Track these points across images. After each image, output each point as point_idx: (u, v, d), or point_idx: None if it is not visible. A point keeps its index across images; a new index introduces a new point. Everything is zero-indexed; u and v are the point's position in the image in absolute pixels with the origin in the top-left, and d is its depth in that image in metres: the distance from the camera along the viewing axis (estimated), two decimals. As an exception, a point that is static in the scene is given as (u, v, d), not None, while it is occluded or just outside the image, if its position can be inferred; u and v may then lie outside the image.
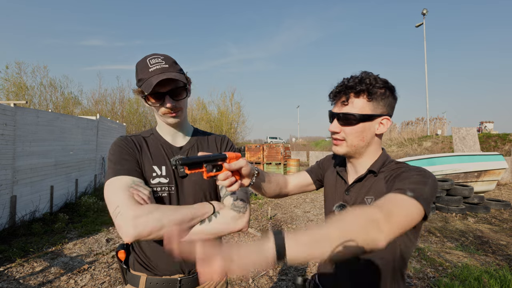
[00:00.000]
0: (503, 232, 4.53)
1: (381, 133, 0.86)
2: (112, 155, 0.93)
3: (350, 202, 0.89)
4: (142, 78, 0.90)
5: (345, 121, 0.84)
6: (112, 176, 0.88)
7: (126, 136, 1.01)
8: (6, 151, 4.36)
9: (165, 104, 0.92)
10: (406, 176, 0.75)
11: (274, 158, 12.13)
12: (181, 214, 0.86)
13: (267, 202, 7.07)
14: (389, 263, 0.84)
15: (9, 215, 4.43)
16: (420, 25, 21.37)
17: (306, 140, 38.94)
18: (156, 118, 1.05)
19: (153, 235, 0.80)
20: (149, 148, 1.00)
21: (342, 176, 0.96)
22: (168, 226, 0.82)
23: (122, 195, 0.82)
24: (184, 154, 1.04)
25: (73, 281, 2.98)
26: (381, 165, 0.87)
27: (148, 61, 0.91)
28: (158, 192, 0.95)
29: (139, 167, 0.94)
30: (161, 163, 0.98)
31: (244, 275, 0.51)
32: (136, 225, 0.77)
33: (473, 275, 2.88)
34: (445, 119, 19.81)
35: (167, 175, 0.97)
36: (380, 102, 0.82)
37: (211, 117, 20.80)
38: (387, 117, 0.84)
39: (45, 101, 15.17)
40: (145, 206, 0.82)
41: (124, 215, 0.79)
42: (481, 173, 6.54)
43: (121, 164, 0.91)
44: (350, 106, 0.83)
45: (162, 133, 1.05)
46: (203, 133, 1.16)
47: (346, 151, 0.88)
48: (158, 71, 0.90)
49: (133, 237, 0.78)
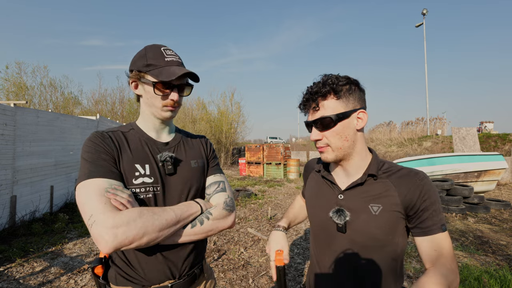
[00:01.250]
0: (503, 232, 4.53)
1: (361, 127, 0.86)
2: (86, 152, 0.83)
3: (347, 207, 0.86)
4: (154, 64, 0.87)
5: (323, 125, 0.83)
6: (85, 178, 0.78)
7: (102, 131, 0.90)
8: (6, 151, 4.35)
9: (172, 96, 0.90)
10: (431, 200, 0.79)
11: (274, 158, 12.13)
12: (165, 217, 0.80)
13: (267, 202, 7.07)
14: (391, 264, 0.84)
15: (9, 215, 4.43)
16: (420, 25, 21.37)
17: (306, 140, 38.91)
18: (143, 109, 0.97)
19: (135, 243, 0.73)
20: (129, 145, 0.91)
21: (330, 179, 0.93)
22: (152, 233, 0.76)
23: (96, 202, 0.73)
24: (170, 150, 0.98)
25: (73, 281, 2.98)
26: (378, 167, 0.86)
27: (163, 50, 0.90)
28: (142, 193, 0.87)
29: (117, 167, 0.86)
30: (144, 161, 0.90)
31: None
32: (116, 234, 0.70)
33: (473, 275, 2.88)
34: (445, 119, 19.79)
35: (151, 174, 0.89)
36: (350, 98, 0.83)
37: (211, 117, 20.76)
38: (361, 110, 0.84)
39: (45, 101, 15.15)
40: (125, 212, 0.74)
41: (101, 224, 0.70)
42: (481, 173, 6.54)
43: (95, 164, 0.81)
44: (322, 110, 0.83)
45: (145, 128, 0.97)
46: (184, 131, 1.13)
47: (334, 156, 0.86)
48: (175, 63, 0.90)
49: (113, 248, 0.70)
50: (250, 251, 3.86)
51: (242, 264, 3.42)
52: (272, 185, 9.75)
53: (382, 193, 0.83)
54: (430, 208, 0.79)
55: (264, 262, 3.48)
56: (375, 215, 0.81)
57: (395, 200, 0.81)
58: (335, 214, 0.87)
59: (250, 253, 3.78)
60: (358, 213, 0.84)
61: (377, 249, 0.83)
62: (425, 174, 0.82)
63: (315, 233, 0.99)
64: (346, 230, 0.85)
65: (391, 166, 0.87)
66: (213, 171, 1.08)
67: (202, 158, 1.07)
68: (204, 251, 1.08)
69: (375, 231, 0.81)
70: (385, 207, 0.81)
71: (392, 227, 0.81)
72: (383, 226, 0.81)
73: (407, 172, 0.83)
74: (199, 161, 1.04)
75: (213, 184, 1.04)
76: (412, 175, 0.82)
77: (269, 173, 12.31)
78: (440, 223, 0.78)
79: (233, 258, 3.60)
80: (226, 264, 3.43)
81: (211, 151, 1.13)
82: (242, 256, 3.67)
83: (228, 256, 3.68)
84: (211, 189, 1.02)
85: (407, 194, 0.80)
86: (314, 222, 0.99)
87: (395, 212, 0.81)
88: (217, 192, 1.01)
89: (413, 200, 0.79)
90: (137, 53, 0.92)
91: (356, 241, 0.84)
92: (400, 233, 0.83)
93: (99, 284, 0.94)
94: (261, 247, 4.00)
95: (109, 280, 0.93)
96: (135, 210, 0.76)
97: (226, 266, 3.36)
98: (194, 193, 0.99)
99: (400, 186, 0.81)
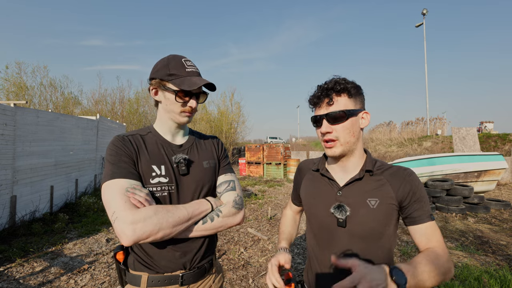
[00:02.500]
0: (503, 232, 4.53)
1: (364, 126, 0.94)
2: (110, 155, 0.93)
3: (347, 202, 0.92)
4: (176, 74, 0.96)
5: (335, 119, 0.89)
6: (108, 179, 0.88)
7: (123, 135, 1.00)
8: (6, 151, 4.36)
9: (191, 104, 0.99)
10: (420, 193, 0.89)
11: (274, 158, 12.13)
12: (178, 215, 0.88)
13: (267, 202, 7.07)
14: (386, 253, 0.91)
15: (9, 215, 4.43)
16: (420, 25, 21.36)
17: (306, 140, 38.90)
18: (161, 114, 1.05)
19: (151, 238, 0.82)
20: (147, 147, 1.00)
21: (329, 176, 0.98)
22: (166, 228, 0.85)
23: (118, 200, 0.83)
24: (184, 152, 1.06)
25: (73, 281, 2.98)
26: (374, 164, 0.94)
27: (184, 61, 0.99)
28: (158, 192, 0.95)
29: (136, 168, 0.94)
30: (160, 163, 0.98)
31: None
32: (135, 230, 0.79)
33: (473, 275, 2.88)
34: (445, 119, 19.81)
35: (166, 175, 0.98)
36: (357, 98, 0.92)
37: (211, 117, 20.75)
38: (365, 111, 0.94)
39: (45, 101, 15.14)
40: (142, 210, 0.83)
41: (122, 220, 0.80)
42: (481, 173, 6.53)
43: (117, 166, 0.91)
44: (336, 105, 0.89)
45: (162, 131, 1.06)
46: (197, 133, 1.20)
47: (341, 150, 0.91)
48: (195, 74, 0.99)
49: (132, 241, 0.80)
50: (250, 251, 3.86)
51: (242, 264, 3.42)
52: (272, 185, 9.75)
53: (378, 188, 0.90)
54: (420, 200, 0.88)
55: (264, 262, 3.48)
56: (373, 209, 0.88)
57: (390, 194, 0.89)
58: (337, 210, 0.91)
59: (250, 253, 3.78)
60: (357, 207, 0.90)
61: (375, 240, 0.89)
62: (413, 171, 0.92)
63: (315, 232, 1.01)
64: (346, 224, 0.91)
65: (382, 164, 0.96)
66: (224, 170, 1.15)
67: (214, 158, 1.14)
68: (214, 247, 1.14)
69: (373, 224, 0.88)
70: (382, 200, 0.88)
71: (388, 218, 0.89)
72: (380, 218, 0.88)
73: (397, 169, 0.93)
74: (211, 161, 1.11)
75: (223, 183, 1.10)
76: (402, 172, 0.91)
77: (269, 173, 12.31)
78: (428, 213, 0.88)
79: (233, 258, 3.60)
80: (226, 264, 3.43)
81: (222, 151, 1.19)
82: (242, 256, 3.67)
83: (228, 256, 3.68)
84: (222, 187, 1.09)
85: (400, 188, 0.89)
86: (313, 221, 1.02)
87: (391, 205, 0.88)
88: (227, 190, 1.08)
89: (405, 194, 0.88)
90: (159, 63, 1.00)
91: (355, 234, 0.90)
92: (394, 224, 0.92)
93: (119, 269, 1.04)
94: (261, 247, 4.00)
95: (128, 265, 1.03)
96: (151, 208, 0.85)
97: (226, 266, 3.36)
98: (206, 192, 1.06)
99: (393, 181, 0.90)
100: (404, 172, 0.91)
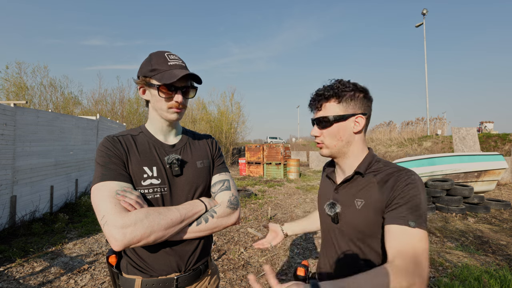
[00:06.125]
0: (503, 232, 4.53)
1: (358, 130, 0.92)
2: (99, 157, 0.90)
3: (339, 201, 0.96)
4: (158, 69, 0.92)
5: (321, 124, 0.94)
6: (98, 181, 0.85)
7: (113, 136, 0.96)
8: (6, 151, 4.35)
9: (176, 98, 0.93)
10: (410, 197, 0.79)
11: (274, 158, 12.12)
12: (170, 217, 0.86)
13: (267, 202, 7.07)
14: (375, 260, 0.90)
15: (9, 215, 4.43)
16: (420, 25, 21.37)
17: (306, 140, 38.91)
18: (151, 113, 1.02)
19: (143, 241, 0.80)
20: (138, 148, 0.96)
21: (331, 177, 1.04)
22: (159, 231, 0.82)
23: (108, 203, 0.80)
24: (177, 152, 1.02)
25: (73, 281, 2.98)
26: (367, 166, 0.93)
27: (166, 55, 0.95)
28: (150, 194, 0.92)
29: (127, 170, 0.91)
30: (152, 164, 0.95)
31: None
32: (125, 234, 0.76)
33: (473, 275, 2.88)
34: (445, 119, 19.82)
35: (158, 176, 0.94)
36: (350, 103, 0.91)
37: (211, 117, 20.74)
38: (360, 115, 0.91)
39: (45, 101, 15.13)
40: (132, 213, 0.80)
41: (111, 224, 0.77)
42: (481, 173, 6.53)
43: (107, 168, 0.88)
44: (323, 111, 0.94)
45: (153, 131, 1.02)
46: (191, 132, 1.16)
47: (329, 152, 0.97)
48: (178, 67, 0.94)
49: (123, 246, 0.77)
50: (250, 251, 3.86)
51: (242, 264, 3.42)
52: (272, 185, 9.75)
53: (365, 189, 0.90)
54: (406, 203, 0.78)
55: (264, 262, 3.48)
56: (358, 209, 0.90)
57: (375, 196, 0.86)
58: (328, 206, 0.96)
59: (250, 253, 3.78)
60: (347, 206, 0.93)
61: (362, 240, 0.90)
62: (415, 173, 0.84)
63: (322, 229, 1.09)
64: (338, 221, 0.94)
65: (385, 164, 0.92)
66: (219, 170, 1.12)
67: (207, 158, 1.11)
68: (210, 248, 1.12)
69: (357, 224, 0.90)
70: (367, 201, 0.88)
71: (373, 220, 0.87)
72: (363, 219, 0.88)
73: (397, 170, 0.87)
74: (205, 161, 1.09)
75: (218, 183, 1.08)
76: (399, 172, 0.85)
77: (269, 173, 12.30)
78: (408, 217, 0.76)
79: (233, 258, 3.60)
80: (226, 264, 3.43)
81: (216, 150, 1.16)
82: (242, 256, 3.67)
83: (228, 256, 3.68)
84: (216, 187, 1.06)
85: (390, 191, 0.83)
86: (320, 218, 1.09)
87: (376, 207, 0.86)
88: (221, 190, 1.05)
89: (393, 195, 0.82)
90: (143, 61, 0.97)
91: (345, 232, 0.94)
92: (380, 226, 0.88)
93: (112, 272, 1.00)
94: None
95: (121, 269, 0.99)
96: (142, 211, 0.82)
97: (226, 266, 3.36)
98: (201, 192, 1.04)
99: (385, 183, 0.86)
100: (401, 173, 0.84)
